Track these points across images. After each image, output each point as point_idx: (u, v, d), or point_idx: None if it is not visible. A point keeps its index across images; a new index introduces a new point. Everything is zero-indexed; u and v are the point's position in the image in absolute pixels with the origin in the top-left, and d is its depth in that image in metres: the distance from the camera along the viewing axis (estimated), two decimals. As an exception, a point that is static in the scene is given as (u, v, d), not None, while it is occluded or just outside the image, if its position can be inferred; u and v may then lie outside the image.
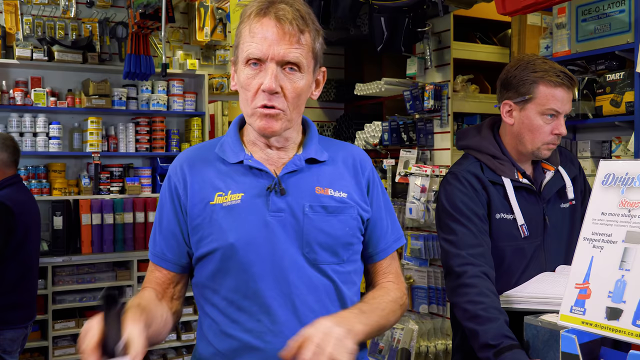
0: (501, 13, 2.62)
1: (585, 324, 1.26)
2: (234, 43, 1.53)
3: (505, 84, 2.17)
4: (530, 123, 2.11)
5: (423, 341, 3.85)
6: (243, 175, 1.52)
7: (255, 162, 1.52)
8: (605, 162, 1.36)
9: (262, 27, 1.42)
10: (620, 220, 1.28)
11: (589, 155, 3.54)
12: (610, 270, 1.25)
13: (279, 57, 1.42)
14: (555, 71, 2.07)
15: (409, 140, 4.22)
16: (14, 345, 3.58)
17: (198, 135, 5.70)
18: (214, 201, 1.50)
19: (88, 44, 5.24)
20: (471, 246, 2.03)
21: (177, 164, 1.58)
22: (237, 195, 1.49)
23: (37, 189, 5.04)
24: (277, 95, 1.43)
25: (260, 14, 1.43)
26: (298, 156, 1.54)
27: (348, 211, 1.53)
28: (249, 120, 1.51)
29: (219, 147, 1.57)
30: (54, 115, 5.34)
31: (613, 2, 3.19)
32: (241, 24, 1.48)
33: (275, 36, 1.41)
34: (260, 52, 1.41)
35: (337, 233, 1.50)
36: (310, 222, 1.48)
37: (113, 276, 5.20)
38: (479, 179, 2.14)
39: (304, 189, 1.51)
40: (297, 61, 1.44)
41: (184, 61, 5.65)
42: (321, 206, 1.50)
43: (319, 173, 1.55)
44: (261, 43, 1.41)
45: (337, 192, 1.54)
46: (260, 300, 1.46)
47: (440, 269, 3.90)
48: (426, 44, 4.01)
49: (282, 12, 1.42)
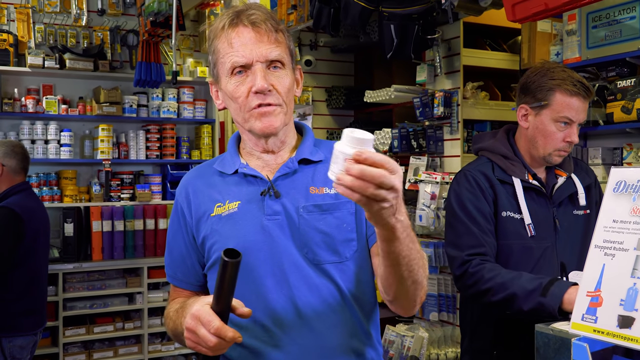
0: (511, 20, 2.62)
1: (597, 332, 1.25)
2: (209, 62, 1.56)
3: (523, 88, 2.22)
4: (544, 128, 2.15)
5: (433, 349, 3.83)
6: (238, 184, 1.55)
7: (249, 169, 1.55)
8: (616, 170, 1.35)
9: (239, 35, 1.45)
10: (632, 227, 1.27)
11: (600, 162, 3.52)
12: (622, 278, 1.24)
13: (262, 57, 1.44)
14: (573, 80, 2.11)
15: (419, 147, 4.21)
16: (24, 352, 3.58)
17: (208, 143, 5.72)
18: (214, 212, 1.54)
19: (99, 51, 5.28)
20: (472, 247, 2.10)
21: (182, 186, 1.64)
22: (235, 203, 1.52)
23: (48, 196, 5.07)
24: (270, 93, 1.45)
25: (233, 23, 1.46)
26: (291, 158, 1.55)
27: (344, 206, 1.51)
28: (246, 126, 1.51)
29: (218, 162, 1.62)
30: (65, 123, 5.37)
31: (624, 9, 3.18)
32: (214, 40, 1.50)
33: (255, 39, 1.44)
34: (244, 58, 1.44)
35: (333, 230, 1.49)
36: (306, 223, 1.48)
37: (123, 283, 5.22)
38: (487, 177, 2.20)
39: (298, 191, 1.52)
40: (280, 58, 1.47)
41: (195, 69, 5.67)
42: (314, 205, 1.50)
43: (314, 173, 1.55)
44: (242, 49, 1.44)
45: (332, 189, 1.51)
46: (264, 303, 1.47)
47: (451, 277, 3.89)
48: (436, 51, 4.00)
49: (254, 16, 1.45)
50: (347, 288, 1.50)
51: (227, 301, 1.28)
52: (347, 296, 1.51)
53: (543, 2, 2.42)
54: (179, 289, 1.66)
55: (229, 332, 1.25)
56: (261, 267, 1.48)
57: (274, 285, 1.47)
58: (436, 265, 3.92)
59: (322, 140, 1.65)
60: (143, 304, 5.24)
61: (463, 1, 3.19)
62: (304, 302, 1.47)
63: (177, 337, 1.55)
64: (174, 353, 5.38)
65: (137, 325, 5.26)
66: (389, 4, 3.56)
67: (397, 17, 3.56)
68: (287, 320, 1.47)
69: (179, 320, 1.46)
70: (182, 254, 1.62)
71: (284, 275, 1.47)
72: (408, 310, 1.47)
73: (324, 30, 3.90)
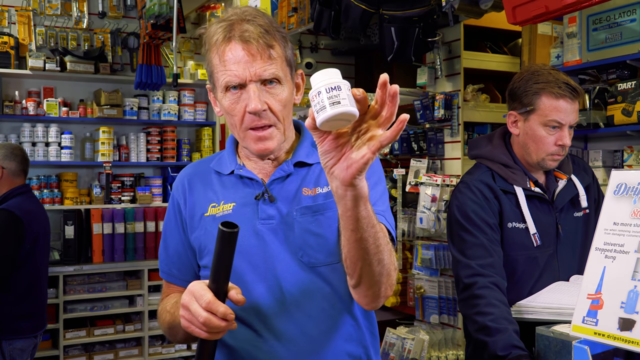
0: (511, 22, 2.62)
1: (597, 334, 1.25)
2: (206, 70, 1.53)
3: (511, 94, 2.18)
4: (534, 134, 2.11)
5: (434, 351, 3.82)
6: (234, 186, 1.54)
7: (245, 171, 1.53)
8: (616, 172, 1.35)
9: (232, 53, 1.41)
10: (632, 230, 1.27)
11: (601, 164, 3.52)
12: (623, 280, 1.24)
13: (256, 77, 1.40)
14: (558, 82, 2.06)
15: (420, 149, 4.21)
16: (24, 355, 3.58)
17: (209, 145, 5.72)
18: (208, 212, 1.53)
19: (100, 54, 5.29)
20: (481, 257, 2.03)
21: (178, 181, 1.63)
22: (229, 205, 1.52)
23: (49, 199, 5.07)
24: (265, 113, 1.43)
25: (225, 39, 1.42)
26: (287, 162, 1.53)
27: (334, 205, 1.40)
28: (242, 143, 1.51)
29: (215, 161, 1.61)
30: (66, 125, 5.38)
31: (624, 11, 3.18)
32: (209, 52, 1.46)
33: (247, 58, 1.40)
34: (237, 78, 1.41)
35: (326, 231, 1.46)
36: (300, 226, 1.47)
37: (124, 285, 5.22)
38: (491, 188, 2.13)
39: (292, 194, 1.51)
40: (274, 76, 1.43)
41: (195, 71, 5.68)
42: (306, 207, 1.48)
43: (307, 175, 1.53)
44: (235, 69, 1.40)
45: (323, 188, 1.51)
46: (256, 309, 1.46)
47: (451, 279, 3.88)
48: (436, 54, 4.01)
49: (247, 33, 1.40)
50: (342, 289, 1.48)
51: (224, 276, 1.26)
52: (343, 298, 1.49)
53: (543, 4, 2.41)
54: (173, 285, 1.63)
55: (220, 307, 1.23)
56: (253, 272, 1.47)
57: (266, 291, 1.46)
58: (437, 267, 3.92)
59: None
60: (143, 306, 5.24)
61: (463, 4, 3.19)
62: (296, 306, 1.46)
63: (172, 330, 1.52)
64: (175, 355, 5.38)
65: (138, 327, 5.26)
66: (389, 6, 3.56)
67: (398, 19, 3.56)
68: (280, 326, 1.46)
69: (177, 312, 1.43)
70: (179, 251, 1.60)
71: (276, 281, 1.46)
72: (373, 300, 1.37)
73: (324, 32, 3.90)
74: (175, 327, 1.46)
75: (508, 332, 1.81)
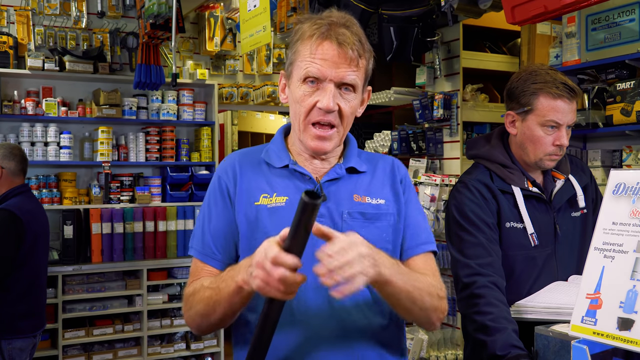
0: (510, 22, 2.62)
1: (596, 334, 1.25)
2: (287, 59, 1.59)
3: (508, 94, 2.18)
4: (531, 134, 2.11)
5: (433, 351, 3.82)
6: (288, 180, 1.58)
7: (300, 167, 1.58)
8: (615, 172, 1.35)
9: (324, 50, 1.48)
10: (631, 230, 1.27)
11: (600, 164, 3.52)
12: (622, 280, 1.24)
13: (337, 78, 1.48)
14: (556, 83, 2.06)
15: (419, 149, 4.21)
16: (23, 355, 3.58)
17: (208, 145, 5.72)
18: (259, 202, 1.56)
19: (99, 54, 5.28)
20: (480, 256, 2.03)
21: (227, 164, 1.64)
22: (282, 198, 1.55)
23: (48, 198, 5.06)
24: (333, 113, 1.50)
25: (322, 36, 1.48)
26: (339, 165, 1.61)
27: (385, 218, 1.57)
28: (300, 136, 1.56)
29: (264, 153, 1.64)
30: (65, 125, 5.37)
31: (623, 11, 3.18)
32: (299, 43, 1.52)
33: (336, 59, 1.47)
34: (320, 73, 1.47)
35: (374, 239, 1.48)
36: (350, 228, 1.51)
37: (123, 285, 5.22)
38: (489, 187, 2.14)
39: (343, 196, 1.56)
40: (354, 83, 1.51)
41: (194, 71, 5.67)
42: (359, 213, 1.55)
43: (358, 182, 1.60)
44: (321, 64, 1.47)
45: (374, 199, 1.58)
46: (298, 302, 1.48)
47: (450, 279, 3.88)
48: (435, 53, 4.01)
49: (343, 36, 1.47)
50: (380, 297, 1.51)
51: (299, 244, 1.27)
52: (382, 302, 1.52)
53: (542, 4, 2.41)
54: (208, 267, 1.60)
55: (288, 259, 1.25)
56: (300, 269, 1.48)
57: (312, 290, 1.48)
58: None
59: (362, 151, 1.70)
60: (142, 306, 5.24)
61: (463, 3, 3.19)
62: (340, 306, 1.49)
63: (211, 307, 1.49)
64: (174, 355, 5.38)
65: (137, 327, 5.26)
66: (388, 6, 3.57)
67: (397, 19, 3.57)
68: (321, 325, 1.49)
69: (223, 283, 1.42)
70: (226, 232, 1.59)
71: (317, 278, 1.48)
72: (427, 328, 1.56)
73: (323, 32, 3.90)
74: (218, 301, 1.45)
75: (507, 331, 1.82)
